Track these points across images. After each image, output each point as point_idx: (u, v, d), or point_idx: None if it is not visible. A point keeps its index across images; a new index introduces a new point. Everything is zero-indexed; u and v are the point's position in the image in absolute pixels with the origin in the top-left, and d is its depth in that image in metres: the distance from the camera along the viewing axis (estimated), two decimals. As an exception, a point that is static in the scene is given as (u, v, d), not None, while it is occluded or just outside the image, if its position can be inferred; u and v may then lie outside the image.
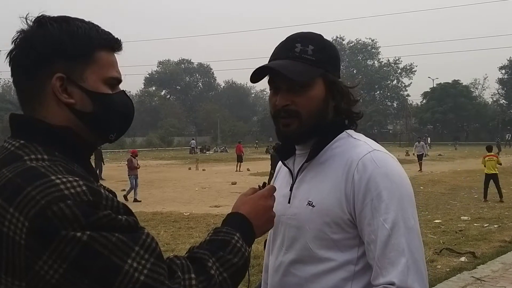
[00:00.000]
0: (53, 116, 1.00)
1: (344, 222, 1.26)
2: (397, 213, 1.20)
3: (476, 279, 5.66)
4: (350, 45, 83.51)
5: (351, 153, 1.29)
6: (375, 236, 1.20)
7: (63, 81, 0.99)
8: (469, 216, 10.11)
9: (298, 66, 1.27)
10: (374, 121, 67.92)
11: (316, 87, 1.30)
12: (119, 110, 1.07)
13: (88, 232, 0.84)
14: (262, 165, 23.44)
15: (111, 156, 39.34)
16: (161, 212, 11.49)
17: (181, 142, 62.77)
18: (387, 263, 1.18)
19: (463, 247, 7.35)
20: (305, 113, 1.30)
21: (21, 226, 0.83)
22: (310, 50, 1.30)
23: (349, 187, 1.25)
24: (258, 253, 5.71)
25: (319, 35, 1.37)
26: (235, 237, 1.08)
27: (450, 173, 20.44)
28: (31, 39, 0.99)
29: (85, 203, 0.86)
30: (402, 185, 1.24)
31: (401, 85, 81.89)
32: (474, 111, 66.41)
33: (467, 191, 14.35)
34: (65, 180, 0.87)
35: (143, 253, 0.89)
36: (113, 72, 1.06)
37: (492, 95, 75.13)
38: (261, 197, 1.22)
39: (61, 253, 0.82)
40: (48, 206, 0.83)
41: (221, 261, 1.02)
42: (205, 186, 17.56)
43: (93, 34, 1.03)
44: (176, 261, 0.98)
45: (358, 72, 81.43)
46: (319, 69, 1.30)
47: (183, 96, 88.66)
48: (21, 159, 0.92)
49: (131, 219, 0.92)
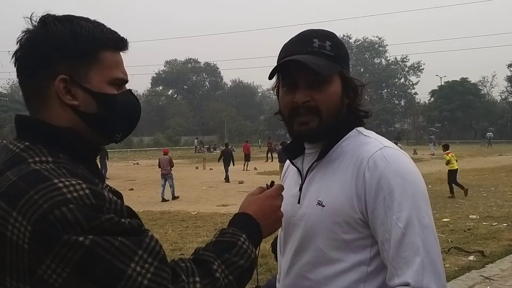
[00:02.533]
0: (57, 117, 0.99)
1: (355, 222, 1.23)
2: (410, 211, 1.17)
3: (485, 278, 5.62)
4: (357, 44, 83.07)
5: (361, 150, 1.26)
6: (389, 236, 1.17)
7: (66, 83, 0.98)
8: (477, 214, 10.04)
9: (320, 60, 1.25)
10: (381, 120, 67.60)
11: (334, 84, 1.29)
12: (125, 110, 1.05)
13: (91, 236, 0.83)
14: (269, 164, 23.41)
15: (119, 156, 39.50)
16: (169, 211, 11.52)
17: (188, 141, 62.76)
18: (402, 263, 1.16)
19: (471, 246, 7.30)
20: (325, 110, 1.28)
21: (24, 230, 0.83)
22: (328, 46, 1.28)
23: (360, 186, 1.22)
24: (266, 252, 5.69)
25: (331, 32, 1.36)
26: (241, 238, 1.06)
27: (459, 172, 20.26)
28: (34, 40, 0.98)
29: (87, 206, 0.86)
30: (415, 182, 1.21)
31: (409, 83, 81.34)
32: (483, 109, 65.79)
33: (476, 189, 14.24)
34: (68, 183, 0.87)
35: (147, 256, 0.88)
36: (118, 73, 1.04)
37: (500, 92, 74.41)
38: (268, 197, 1.20)
39: (63, 257, 0.82)
40: (50, 210, 0.83)
41: (227, 263, 1.01)
42: (212, 185, 17.58)
43: (98, 33, 1.01)
44: (181, 264, 0.97)
45: (365, 70, 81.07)
46: (337, 65, 1.29)
47: (190, 95, 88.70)
48: (25, 162, 0.92)
49: (135, 222, 0.91)
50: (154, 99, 79.96)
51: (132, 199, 13.74)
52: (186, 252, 7.18)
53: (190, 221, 10.10)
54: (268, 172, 20.21)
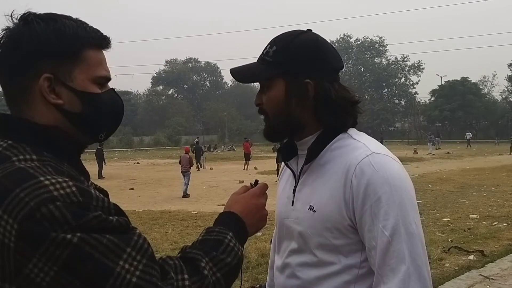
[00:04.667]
0: (41, 116, 0.98)
1: (344, 228, 1.24)
2: (397, 219, 1.16)
3: (484, 278, 5.63)
4: (357, 43, 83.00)
5: (349, 156, 1.25)
6: (375, 243, 1.18)
7: (51, 82, 0.97)
8: (478, 214, 10.04)
9: (254, 68, 1.32)
10: (382, 119, 67.58)
11: (274, 88, 1.31)
12: (108, 109, 1.05)
13: (79, 234, 0.82)
14: (269, 164, 23.39)
15: (119, 155, 39.52)
16: (169, 211, 11.52)
17: (189, 141, 62.76)
18: (388, 270, 1.17)
19: (471, 245, 7.30)
20: (270, 112, 1.34)
21: (10, 229, 0.82)
22: (272, 52, 1.30)
23: (348, 193, 1.22)
24: (266, 252, 5.70)
25: (297, 34, 1.31)
26: (228, 236, 1.07)
27: (459, 171, 20.29)
28: (16, 38, 0.96)
29: (75, 204, 0.84)
30: (402, 189, 1.20)
31: (409, 82, 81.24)
32: (483, 109, 65.80)
33: (476, 189, 14.25)
34: (54, 181, 0.86)
35: (135, 254, 0.87)
36: (102, 71, 1.04)
37: (501, 92, 74.45)
38: (253, 196, 1.21)
39: (51, 255, 0.81)
40: (37, 208, 0.82)
41: (215, 261, 1.02)
42: (212, 184, 17.59)
43: (81, 32, 1.00)
44: (169, 262, 0.97)
45: (365, 70, 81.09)
46: (274, 70, 1.29)
47: (190, 95, 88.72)
48: (9, 160, 0.90)
49: (122, 219, 0.91)
50: (154, 99, 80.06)
51: (133, 199, 13.77)
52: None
53: (191, 221, 10.12)
54: (268, 171, 20.20)
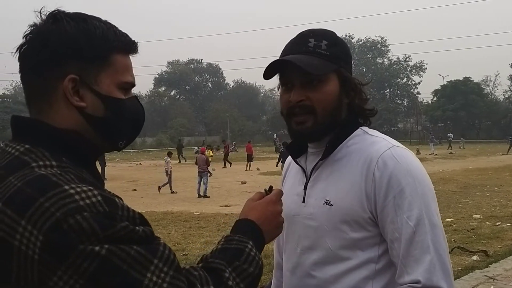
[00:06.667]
0: (61, 118, 0.95)
1: (364, 221, 1.24)
2: (420, 210, 1.18)
3: (488, 278, 5.61)
4: (359, 43, 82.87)
5: (369, 150, 1.27)
6: (399, 234, 1.19)
7: (75, 83, 0.94)
8: (481, 214, 10.01)
9: (313, 60, 1.26)
10: (384, 119, 67.51)
11: (330, 83, 1.29)
12: (131, 116, 1.03)
13: (107, 246, 0.80)
14: (272, 165, 23.39)
15: (121, 156, 39.53)
16: (172, 212, 11.54)
17: (191, 142, 62.83)
18: (412, 261, 1.17)
19: (475, 245, 7.28)
20: (320, 109, 1.28)
21: (35, 240, 0.78)
22: (324, 45, 1.28)
23: (369, 185, 1.23)
24: (269, 253, 5.69)
25: (331, 31, 1.36)
26: (248, 245, 1.05)
27: (462, 171, 20.25)
28: (44, 36, 0.94)
29: (101, 214, 0.82)
30: (424, 181, 1.23)
31: (411, 83, 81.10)
32: (486, 109, 65.56)
33: (479, 189, 14.21)
34: (79, 189, 0.83)
35: (162, 265, 0.85)
36: (128, 77, 1.01)
37: (503, 92, 74.24)
38: (269, 203, 1.19)
39: (78, 268, 0.78)
40: (64, 219, 0.79)
41: (237, 271, 1.00)
42: (215, 185, 17.57)
43: (111, 35, 0.98)
44: (194, 273, 0.94)
45: (367, 70, 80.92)
46: (333, 64, 1.28)
47: (192, 96, 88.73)
48: (29, 166, 0.87)
49: (148, 229, 0.89)
50: (156, 100, 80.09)
51: (135, 200, 13.77)
52: (189, 253, 7.19)
53: (193, 222, 10.11)
54: (270, 172, 20.20)
